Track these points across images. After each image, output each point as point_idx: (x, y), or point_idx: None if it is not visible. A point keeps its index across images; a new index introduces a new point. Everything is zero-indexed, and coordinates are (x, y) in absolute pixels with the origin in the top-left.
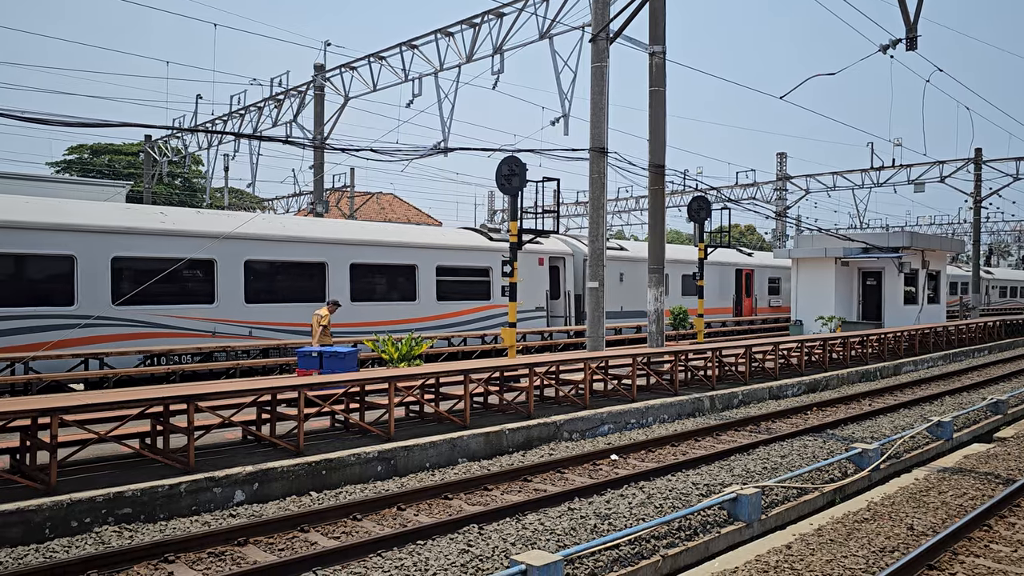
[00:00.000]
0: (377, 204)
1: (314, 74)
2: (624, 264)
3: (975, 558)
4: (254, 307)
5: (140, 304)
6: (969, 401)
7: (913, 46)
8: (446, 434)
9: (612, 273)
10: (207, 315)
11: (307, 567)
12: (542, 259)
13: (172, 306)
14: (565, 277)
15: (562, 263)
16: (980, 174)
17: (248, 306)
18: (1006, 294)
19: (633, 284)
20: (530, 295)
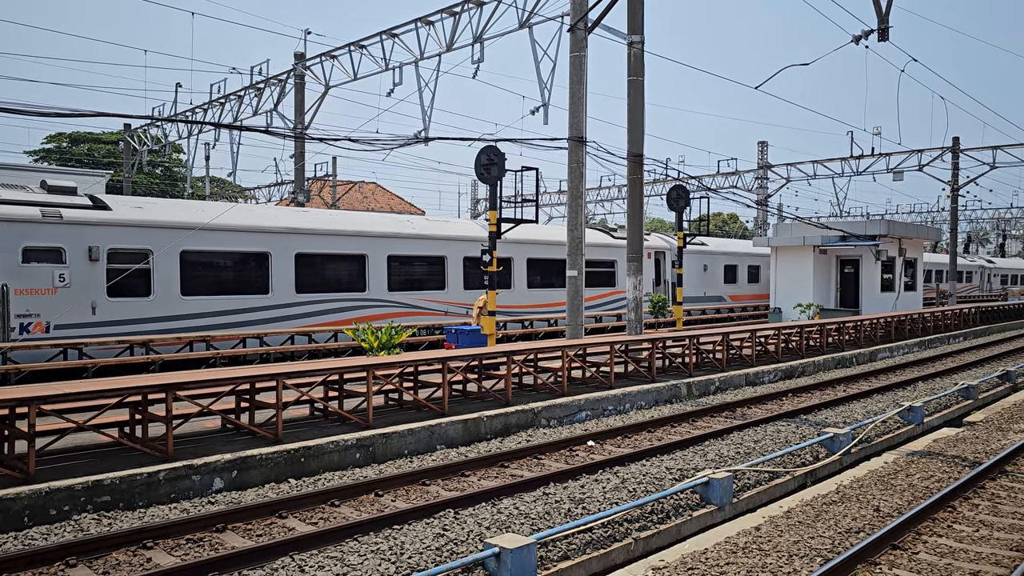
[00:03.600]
0: (359, 193)
1: (294, 63)
2: (706, 257)
3: (938, 538)
4: (469, 292)
5: (402, 291)
6: (941, 387)
7: (885, 37)
8: (425, 421)
9: (696, 264)
10: (441, 299)
11: (284, 552)
12: (650, 253)
13: (420, 292)
14: (664, 268)
15: (663, 256)
16: (957, 163)
17: (466, 292)
18: (1007, 282)
19: (713, 274)
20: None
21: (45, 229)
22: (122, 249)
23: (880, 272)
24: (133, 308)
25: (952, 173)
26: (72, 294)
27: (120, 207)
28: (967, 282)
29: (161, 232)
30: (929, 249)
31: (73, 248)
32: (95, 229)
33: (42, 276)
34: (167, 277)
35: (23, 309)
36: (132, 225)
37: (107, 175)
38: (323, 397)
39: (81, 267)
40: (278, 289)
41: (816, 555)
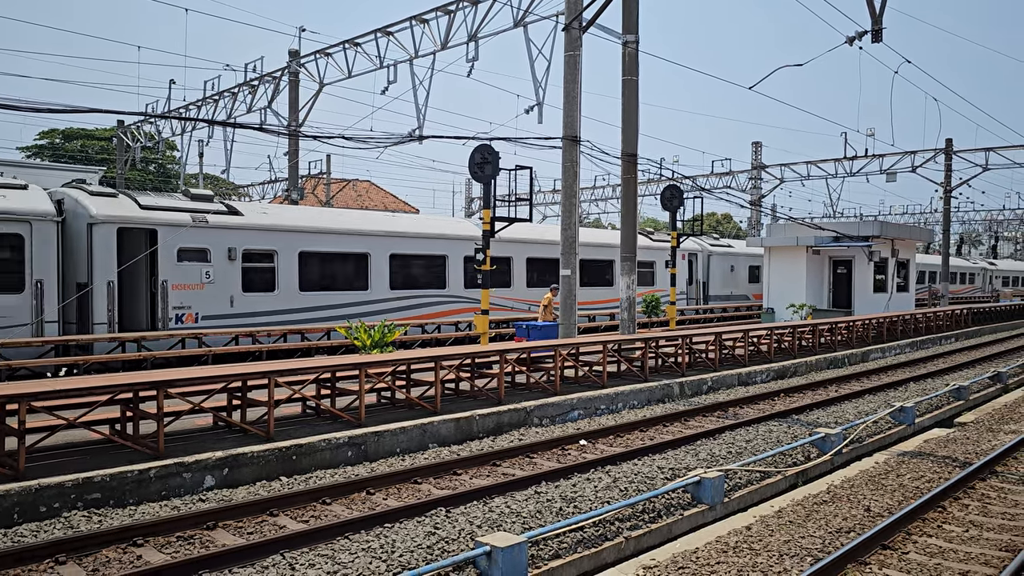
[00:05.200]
0: (354, 191)
1: (288, 60)
2: (732, 258)
3: (928, 538)
4: (532, 290)
5: (475, 288)
6: (933, 387)
7: (879, 38)
8: (417, 420)
9: (724, 265)
10: (508, 295)
11: (275, 550)
12: (684, 255)
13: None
14: (696, 268)
15: (695, 258)
16: (950, 164)
17: (528, 289)
18: (1008, 283)
19: (738, 275)
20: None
21: (195, 232)
22: (254, 250)
23: (873, 273)
24: (261, 301)
25: (945, 175)
26: (216, 289)
27: (250, 213)
28: (969, 283)
29: (284, 235)
30: (922, 250)
31: (216, 249)
32: (233, 232)
33: (193, 273)
34: (288, 274)
35: (178, 302)
36: (261, 229)
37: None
38: (315, 395)
39: (222, 265)
40: (375, 286)
41: (807, 555)
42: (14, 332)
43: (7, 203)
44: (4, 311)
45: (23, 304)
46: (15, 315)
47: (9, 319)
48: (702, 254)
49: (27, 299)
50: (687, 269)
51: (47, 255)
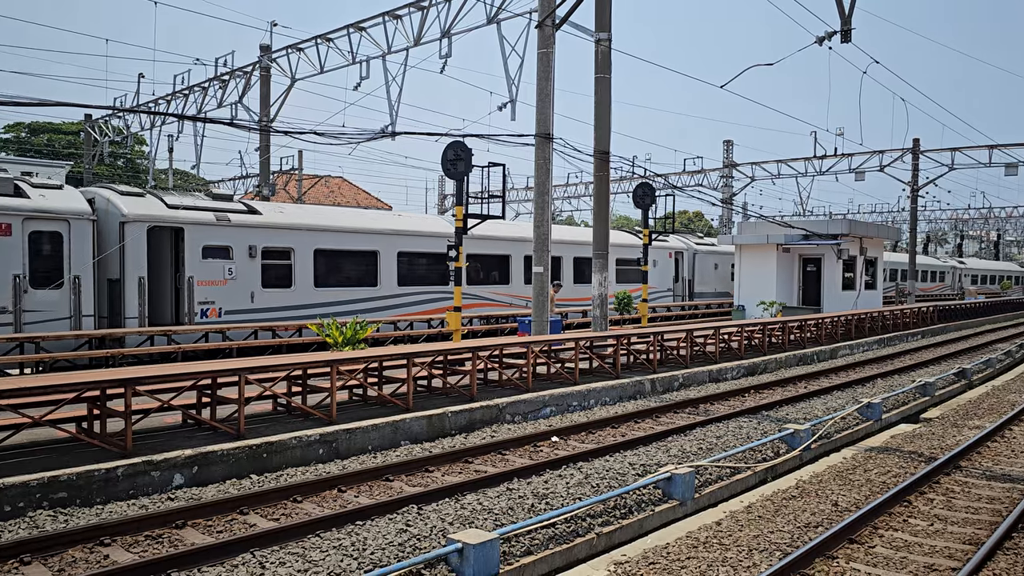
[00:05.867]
0: (326, 188)
1: (260, 55)
2: (716, 257)
3: (894, 532)
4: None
5: (477, 284)
6: (899, 383)
7: (848, 38)
8: (389, 417)
9: (709, 263)
10: (507, 292)
11: (245, 548)
12: (671, 253)
13: (491, 285)
14: (682, 266)
15: (681, 256)
16: (917, 164)
17: (526, 286)
18: (976, 282)
19: (722, 272)
20: (662, 279)
21: (218, 231)
22: (273, 248)
23: (842, 271)
24: (280, 297)
25: (912, 174)
26: (237, 285)
27: (268, 212)
28: (940, 281)
29: (301, 233)
30: (890, 248)
31: (238, 247)
32: (254, 231)
33: (216, 270)
34: (304, 271)
35: (203, 297)
36: (279, 227)
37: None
38: (286, 392)
39: (244, 262)
40: (384, 282)
41: (775, 549)
42: (54, 325)
43: (47, 203)
44: (45, 305)
45: (62, 299)
46: (55, 309)
47: (50, 313)
48: (688, 252)
49: (66, 294)
50: (673, 267)
51: (84, 252)
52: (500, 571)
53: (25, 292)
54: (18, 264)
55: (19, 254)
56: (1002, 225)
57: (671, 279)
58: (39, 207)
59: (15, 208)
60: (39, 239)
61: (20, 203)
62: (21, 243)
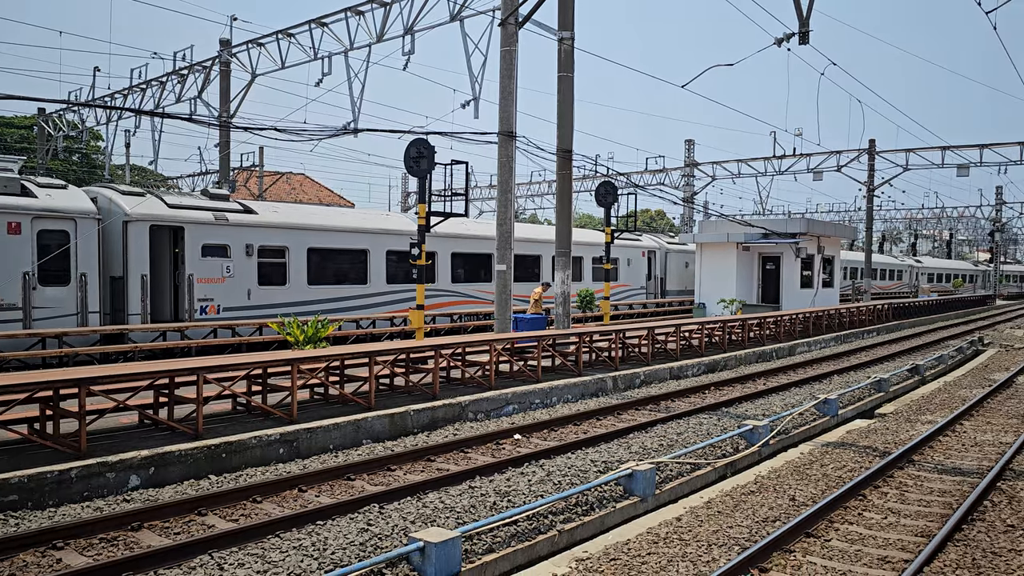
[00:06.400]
0: (287, 184)
1: (220, 49)
2: (688, 256)
3: (849, 525)
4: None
5: (461, 282)
6: (855, 380)
7: (805, 40)
8: (350, 416)
9: (680, 262)
10: (488, 289)
11: (203, 550)
12: (644, 252)
13: (474, 283)
14: (655, 265)
15: (654, 255)
16: (873, 164)
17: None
18: (932, 280)
19: (693, 270)
20: (636, 277)
21: (217, 230)
22: (269, 246)
23: (800, 269)
24: (275, 294)
25: (868, 174)
26: (235, 283)
27: (263, 211)
28: (897, 280)
29: (295, 232)
30: (847, 247)
31: (236, 245)
32: (251, 230)
33: (215, 268)
34: (298, 269)
35: (203, 294)
36: (275, 227)
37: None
38: (246, 392)
39: (241, 261)
40: (374, 280)
41: (734, 544)
42: (62, 322)
43: (54, 202)
44: (53, 302)
45: (69, 296)
46: (63, 306)
47: (57, 309)
48: (660, 251)
49: (73, 291)
50: (647, 266)
51: (90, 250)
52: (462, 569)
53: (34, 289)
54: (27, 262)
55: (28, 252)
56: (954, 225)
57: (644, 277)
58: (47, 206)
59: (24, 207)
60: (47, 238)
61: (29, 202)
62: (30, 242)
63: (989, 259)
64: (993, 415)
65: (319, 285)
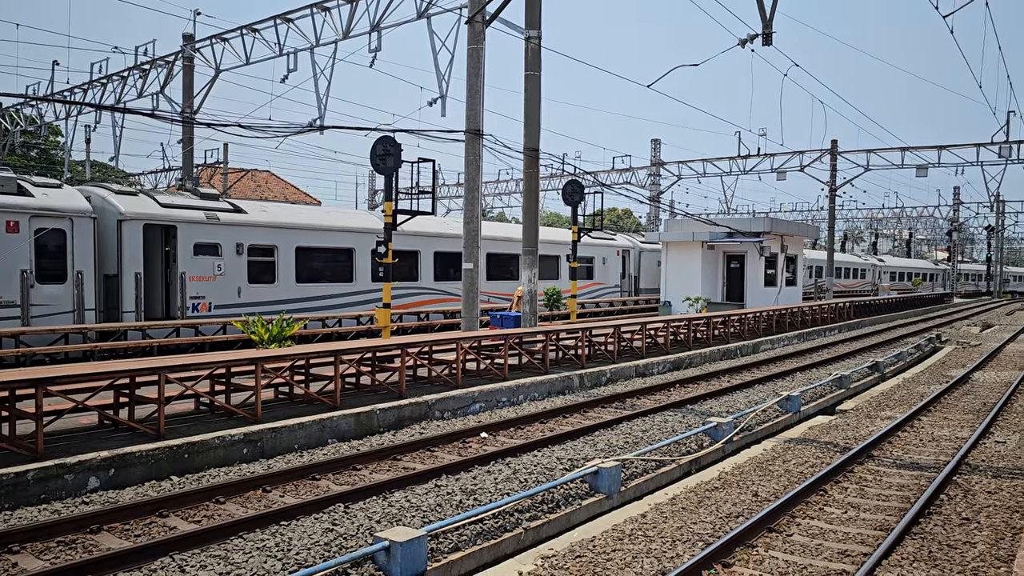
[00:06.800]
0: (253, 182)
1: (183, 44)
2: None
3: (810, 520)
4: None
5: (443, 280)
6: (817, 377)
7: (769, 41)
8: (316, 415)
9: (652, 261)
10: None
11: (164, 552)
12: (619, 251)
13: (456, 281)
14: (629, 263)
15: (628, 254)
16: (835, 164)
17: (488, 282)
18: (895, 278)
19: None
20: (611, 276)
21: (208, 229)
22: (258, 245)
23: (764, 267)
24: (264, 292)
25: (830, 174)
26: (226, 281)
27: (252, 211)
28: (861, 278)
29: (283, 232)
30: (810, 246)
31: (227, 244)
32: (241, 229)
33: (206, 266)
34: (287, 268)
35: (195, 292)
36: (264, 226)
37: None
38: (209, 391)
39: (232, 259)
40: (359, 278)
41: (698, 539)
42: (59, 319)
43: (51, 201)
44: (50, 299)
45: (66, 293)
46: (60, 303)
47: (54, 307)
48: (634, 251)
49: (69, 288)
50: (621, 264)
51: (86, 248)
52: (428, 568)
53: (32, 287)
54: (25, 260)
55: (26, 250)
56: (913, 224)
57: (619, 275)
58: (44, 205)
59: (22, 206)
60: (44, 236)
61: (27, 201)
62: (28, 240)
63: (947, 258)
64: (950, 411)
65: (307, 283)
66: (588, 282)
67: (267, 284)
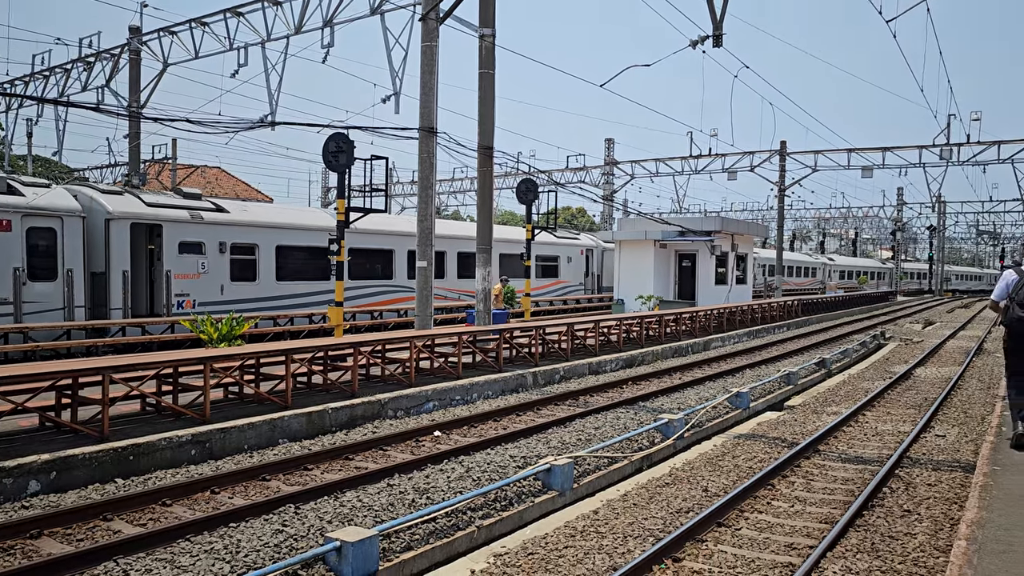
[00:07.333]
0: (203, 178)
1: (129, 37)
2: None
3: (758, 514)
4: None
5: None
6: (766, 373)
7: (719, 43)
8: (266, 415)
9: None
10: (441, 285)
11: (108, 556)
12: (582, 250)
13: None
14: (592, 262)
15: (591, 253)
16: (784, 165)
17: (459, 280)
18: (844, 277)
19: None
20: (576, 274)
21: (193, 227)
22: (240, 243)
23: (715, 266)
24: (246, 290)
25: (780, 174)
26: (209, 278)
27: (234, 210)
28: (812, 277)
29: (264, 231)
30: (760, 245)
31: (210, 243)
32: (224, 228)
33: (191, 264)
34: (267, 266)
35: (180, 290)
36: (246, 225)
37: None
38: (155, 392)
39: (215, 257)
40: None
41: (649, 535)
42: (49, 316)
43: (41, 200)
44: (41, 298)
45: (56, 291)
46: (50, 301)
47: (45, 305)
48: (597, 250)
49: (60, 287)
50: (585, 263)
51: (76, 247)
52: (379, 568)
53: (24, 285)
54: (18, 258)
55: (19, 249)
56: (859, 224)
57: (583, 274)
58: (35, 204)
59: (14, 206)
60: (36, 235)
61: (18, 201)
62: (20, 239)
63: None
64: (893, 406)
65: (286, 281)
66: (555, 280)
67: (249, 282)
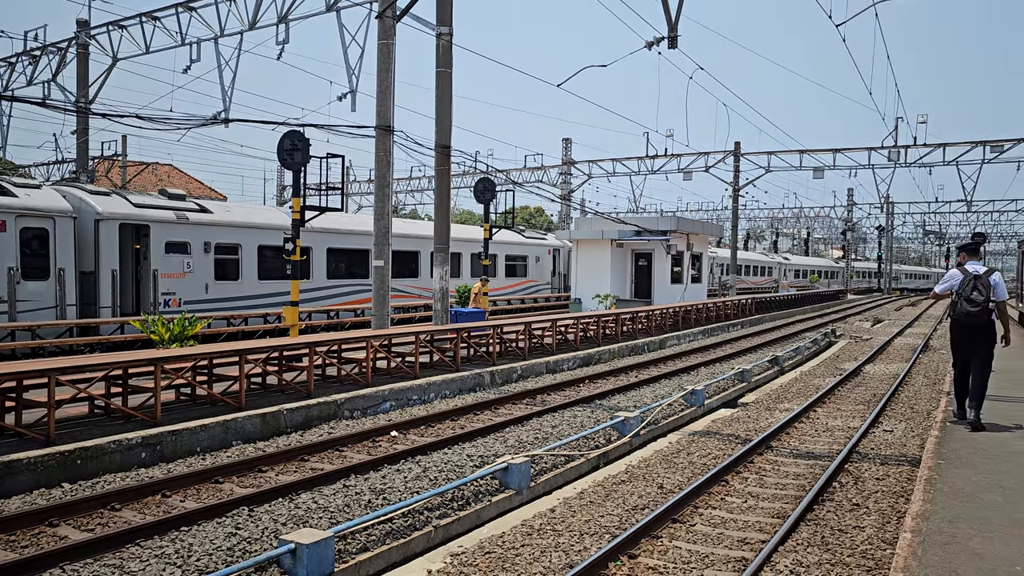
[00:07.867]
0: (154, 176)
1: (76, 30)
2: None
3: (713, 510)
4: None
5: (395, 278)
6: (721, 371)
7: (674, 44)
8: (219, 416)
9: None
10: (416, 285)
11: (53, 563)
12: (550, 250)
13: (405, 279)
14: (559, 262)
15: (558, 253)
16: (738, 165)
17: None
18: (799, 276)
19: None
20: (543, 273)
21: (179, 228)
22: (224, 243)
23: (671, 265)
24: (229, 288)
25: (734, 175)
26: (194, 278)
27: (217, 211)
28: (768, 275)
29: (247, 231)
30: (715, 244)
31: (195, 243)
32: (208, 228)
33: (177, 263)
34: (250, 266)
35: (166, 288)
36: (229, 225)
37: None
38: (104, 394)
39: (200, 257)
40: (316, 276)
41: (605, 532)
42: (41, 315)
43: (34, 201)
44: (34, 296)
45: (48, 290)
46: (42, 300)
47: (37, 303)
48: (563, 249)
49: (51, 285)
50: (552, 263)
51: (67, 247)
52: (335, 569)
53: (18, 283)
54: (12, 258)
55: (13, 249)
56: (811, 224)
57: (550, 273)
58: (28, 205)
59: (8, 206)
60: (29, 235)
61: (12, 201)
62: (14, 238)
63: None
64: (843, 402)
65: (267, 280)
66: (523, 279)
67: (232, 281)
